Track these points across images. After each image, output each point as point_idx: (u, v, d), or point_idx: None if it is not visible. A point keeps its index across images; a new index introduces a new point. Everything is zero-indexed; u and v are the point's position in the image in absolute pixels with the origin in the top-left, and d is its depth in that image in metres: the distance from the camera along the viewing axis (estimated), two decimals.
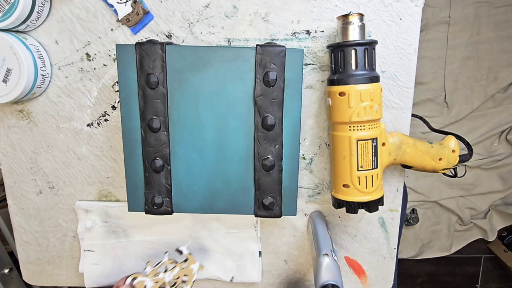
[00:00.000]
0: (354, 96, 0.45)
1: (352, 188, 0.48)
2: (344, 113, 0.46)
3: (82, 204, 0.58)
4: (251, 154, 0.49)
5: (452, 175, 0.55)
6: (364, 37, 0.46)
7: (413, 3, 0.50)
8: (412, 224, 1.51)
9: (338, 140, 0.47)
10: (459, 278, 1.66)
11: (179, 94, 0.48)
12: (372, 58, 0.46)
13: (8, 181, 0.58)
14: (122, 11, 0.50)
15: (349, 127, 0.46)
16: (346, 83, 0.45)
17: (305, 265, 0.62)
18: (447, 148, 0.51)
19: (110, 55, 0.53)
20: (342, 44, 0.45)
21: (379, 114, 0.46)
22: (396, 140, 0.49)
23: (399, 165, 0.56)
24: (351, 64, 0.45)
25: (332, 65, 0.47)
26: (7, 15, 0.46)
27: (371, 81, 0.45)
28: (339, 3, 0.50)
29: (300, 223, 0.59)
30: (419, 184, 1.49)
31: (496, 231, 1.53)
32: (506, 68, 1.39)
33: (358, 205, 0.48)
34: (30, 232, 0.60)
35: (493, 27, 1.36)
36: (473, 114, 1.43)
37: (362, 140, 0.46)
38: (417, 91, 1.38)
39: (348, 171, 0.47)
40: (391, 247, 0.60)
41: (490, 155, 1.47)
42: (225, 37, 0.52)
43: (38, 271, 0.63)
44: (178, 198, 0.50)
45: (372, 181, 0.47)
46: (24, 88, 0.49)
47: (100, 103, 0.54)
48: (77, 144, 0.56)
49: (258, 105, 0.48)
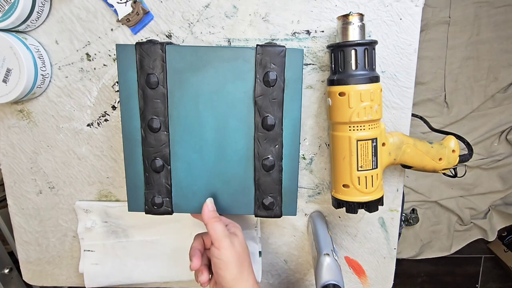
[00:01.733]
0: (354, 96, 0.45)
1: (352, 188, 0.48)
2: (344, 113, 0.46)
3: (82, 204, 0.58)
4: (251, 154, 0.49)
5: (452, 175, 0.55)
6: (364, 37, 0.46)
7: (413, 3, 0.50)
8: (412, 224, 1.51)
9: (338, 140, 0.47)
10: (459, 278, 1.66)
11: (179, 94, 0.48)
12: (372, 58, 0.46)
13: (8, 181, 0.58)
14: (122, 11, 0.50)
15: (349, 127, 0.46)
16: (346, 83, 0.45)
17: (305, 265, 0.62)
18: (447, 148, 0.51)
19: (110, 55, 0.53)
20: (342, 44, 0.45)
21: (379, 114, 0.46)
22: (396, 140, 0.49)
23: (399, 165, 0.56)
24: (351, 64, 0.45)
25: (332, 65, 0.47)
26: (7, 15, 0.46)
27: (371, 81, 0.45)
28: (339, 3, 0.50)
29: (300, 223, 0.59)
30: (419, 184, 1.49)
31: (496, 231, 1.53)
32: (506, 68, 1.39)
33: (358, 205, 0.48)
34: (30, 232, 0.60)
35: (493, 27, 1.36)
36: (473, 114, 1.43)
37: (362, 140, 0.46)
38: (417, 91, 1.38)
39: (348, 171, 0.47)
40: (391, 247, 0.60)
41: (490, 155, 1.47)
42: (225, 37, 0.52)
43: (38, 271, 0.63)
44: (178, 198, 0.50)
45: (372, 181, 0.47)
46: (24, 88, 0.49)
47: (100, 103, 0.54)
48: (77, 144, 0.56)
49: (258, 105, 0.48)
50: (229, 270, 0.44)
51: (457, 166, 0.53)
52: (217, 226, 0.45)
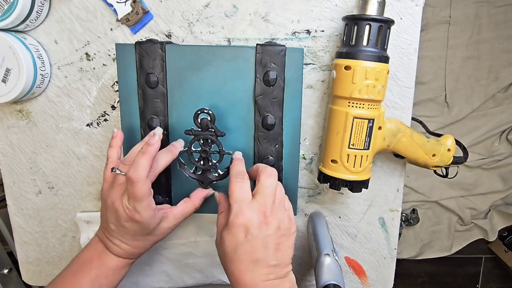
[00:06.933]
0: (359, 72, 0.44)
1: (339, 164, 0.47)
2: (346, 88, 0.45)
3: (82, 216, 0.57)
4: (251, 154, 0.49)
5: (442, 175, 0.54)
6: (382, 15, 0.44)
7: (414, 3, 0.50)
8: (413, 224, 1.51)
9: (335, 114, 0.47)
10: (460, 278, 1.65)
11: (179, 94, 0.48)
12: (385, 38, 0.44)
13: (8, 181, 0.58)
14: (121, 10, 0.50)
15: (348, 103, 0.45)
16: (353, 57, 0.44)
17: (305, 265, 0.61)
18: (443, 146, 0.51)
19: (110, 55, 0.52)
20: (357, 17, 0.44)
21: (381, 95, 0.45)
22: (393, 127, 0.48)
23: (399, 165, 0.56)
24: (363, 39, 0.44)
25: (344, 37, 0.46)
26: (6, 15, 0.46)
27: (380, 60, 0.44)
28: (339, 3, 0.50)
29: (300, 223, 0.59)
30: (420, 184, 1.48)
31: (496, 231, 1.53)
32: (507, 67, 1.39)
33: (342, 183, 0.47)
34: (30, 233, 0.60)
35: (494, 27, 1.36)
36: (474, 114, 1.42)
37: (359, 118, 0.45)
38: (418, 91, 1.38)
39: (339, 147, 0.46)
40: (391, 248, 0.60)
41: (491, 155, 1.46)
42: (225, 36, 0.52)
43: (38, 271, 0.63)
44: (178, 198, 0.50)
45: (361, 161, 0.47)
46: (23, 88, 0.49)
47: (99, 103, 0.54)
48: (77, 144, 0.56)
49: (258, 104, 0.48)
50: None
51: (450, 166, 0.53)
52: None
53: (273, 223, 0.40)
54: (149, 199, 0.41)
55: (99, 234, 0.46)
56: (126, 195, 0.41)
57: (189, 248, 0.58)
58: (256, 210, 0.39)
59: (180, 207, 0.47)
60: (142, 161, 0.40)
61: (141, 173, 0.40)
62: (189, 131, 0.46)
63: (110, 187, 0.44)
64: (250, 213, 0.39)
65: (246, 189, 0.41)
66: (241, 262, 0.39)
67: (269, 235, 0.39)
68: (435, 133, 0.55)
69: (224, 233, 0.40)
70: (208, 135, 0.46)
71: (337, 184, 0.47)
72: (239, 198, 0.40)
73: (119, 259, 0.45)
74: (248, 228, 0.39)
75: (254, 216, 0.39)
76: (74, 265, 0.45)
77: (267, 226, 0.39)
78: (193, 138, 0.46)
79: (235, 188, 0.40)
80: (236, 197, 0.40)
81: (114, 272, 0.45)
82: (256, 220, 0.39)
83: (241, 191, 0.40)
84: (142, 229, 0.43)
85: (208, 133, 0.46)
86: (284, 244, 0.40)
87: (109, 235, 0.44)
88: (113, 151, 0.46)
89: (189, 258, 0.59)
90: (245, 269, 0.38)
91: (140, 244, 0.45)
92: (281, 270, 0.40)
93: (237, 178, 0.41)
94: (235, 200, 0.40)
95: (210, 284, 0.61)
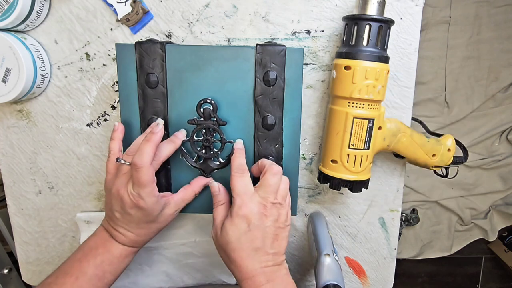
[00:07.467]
0: (359, 72, 0.44)
1: (339, 164, 0.47)
2: (346, 88, 0.45)
3: (82, 216, 0.57)
4: (251, 154, 0.49)
5: (442, 175, 0.54)
6: (382, 15, 0.44)
7: (414, 3, 0.50)
8: (413, 224, 1.51)
9: (335, 114, 0.47)
10: (460, 278, 1.65)
11: (179, 94, 0.48)
12: (385, 37, 0.45)
13: (8, 181, 0.58)
14: (121, 10, 0.50)
15: (348, 103, 0.45)
16: (353, 57, 0.44)
17: (305, 265, 0.61)
18: (443, 146, 0.51)
19: (110, 55, 0.52)
20: (357, 17, 0.44)
21: (381, 95, 0.45)
22: (393, 127, 0.49)
23: (399, 165, 0.56)
24: (363, 39, 0.44)
25: (344, 37, 0.46)
26: (6, 15, 0.46)
27: (380, 60, 0.44)
28: (339, 3, 0.50)
29: (300, 223, 0.59)
30: (420, 184, 1.48)
31: (496, 231, 1.53)
32: (507, 67, 1.39)
33: (342, 183, 0.47)
34: (30, 233, 0.60)
35: (494, 27, 1.36)
36: (474, 114, 1.42)
37: (359, 118, 0.45)
38: (418, 91, 1.38)
39: (339, 147, 0.47)
40: (391, 248, 0.60)
41: (491, 155, 1.46)
42: (225, 36, 0.52)
43: (38, 271, 0.63)
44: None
45: (361, 161, 0.47)
46: (23, 88, 0.49)
47: (99, 103, 0.54)
48: (77, 144, 0.56)
49: (258, 104, 0.48)
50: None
51: (450, 166, 0.53)
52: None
53: (271, 216, 0.43)
54: (153, 186, 0.43)
55: (104, 223, 0.48)
56: (130, 182, 0.43)
57: (189, 248, 0.58)
58: (257, 202, 0.43)
59: (180, 193, 0.49)
60: (146, 148, 0.42)
61: (146, 159, 0.42)
62: (192, 120, 0.47)
63: (114, 177, 0.46)
64: (251, 205, 0.42)
65: (247, 183, 0.44)
66: (243, 250, 0.42)
67: (268, 226, 0.43)
68: (435, 133, 0.55)
69: (227, 224, 0.43)
70: (211, 124, 0.47)
71: (337, 184, 0.48)
72: (241, 192, 0.43)
73: (123, 247, 0.46)
74: (249, 219, 0.42)
75: (255, 208, 0.42)
76: (79, 252, 0.46)
77: (266, 218, 0.43)
78: (196, 127, 0.47)
79: (237, 183, 0.43)
80: (239, 191, 0.43)
81: (118, 259, 0.46)
82: (256, 211, 0.42)
83: (243, 185, 0.43)
84: (146, 216, 0.44)
85: (210, 122, 0.47)
86: (280, 235, 0.44)
87: (114, 224, 0.46)
88: (115, 143, 0.47)
89: (189, 258, 0.59)
90: (247, 256, 0.42)
91: (144, 232, 0.46)
92: (277, 258, 0.44)
93: (238, 173, 0.44)
94: (238, 194, 0.43)
95: (210, 284, 0.61)
